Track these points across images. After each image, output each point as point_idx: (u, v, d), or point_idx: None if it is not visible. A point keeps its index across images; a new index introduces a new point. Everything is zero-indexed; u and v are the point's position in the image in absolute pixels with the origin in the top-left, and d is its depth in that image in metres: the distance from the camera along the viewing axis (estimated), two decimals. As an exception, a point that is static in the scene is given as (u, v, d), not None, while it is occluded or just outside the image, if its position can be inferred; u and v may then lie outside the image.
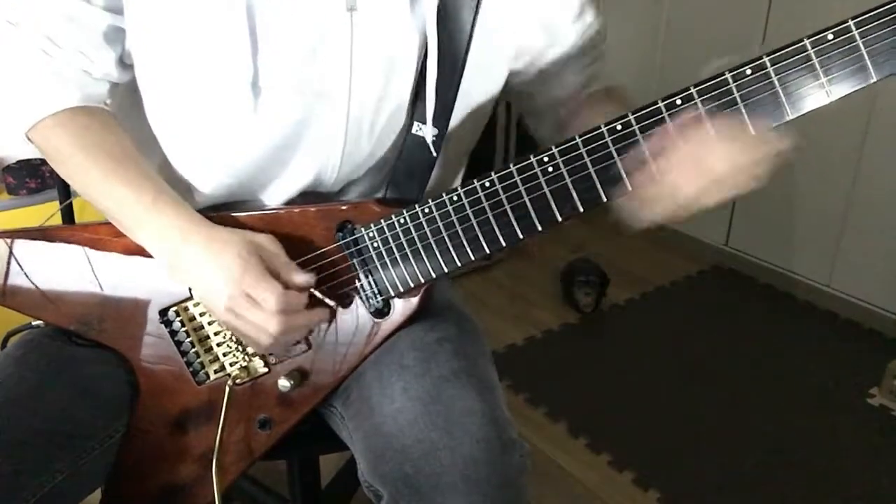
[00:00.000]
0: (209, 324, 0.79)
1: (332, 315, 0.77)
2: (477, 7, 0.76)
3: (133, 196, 0.73)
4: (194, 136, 0.78)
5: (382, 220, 0.74)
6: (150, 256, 0.77)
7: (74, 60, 0.74)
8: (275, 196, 0.81)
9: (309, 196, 0.81)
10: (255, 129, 0.75)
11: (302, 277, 0.74)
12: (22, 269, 0.80)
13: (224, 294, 0.70)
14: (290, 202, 0.81)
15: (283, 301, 0.71)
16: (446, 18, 0.75)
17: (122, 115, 0.82)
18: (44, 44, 0.73)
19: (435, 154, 0.79)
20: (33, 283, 0.80)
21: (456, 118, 0.81)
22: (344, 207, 0.77)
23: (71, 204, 1.11)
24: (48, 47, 0.74)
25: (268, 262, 0.72)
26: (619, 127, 0.62)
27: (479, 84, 0.82)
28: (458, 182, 0.92)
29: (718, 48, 2.26)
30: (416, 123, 0.78)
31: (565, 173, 0.65)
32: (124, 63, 0.77)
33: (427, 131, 0.78)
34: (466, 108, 0.82)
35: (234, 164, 0.78)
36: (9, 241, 0.80)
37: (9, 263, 0.80)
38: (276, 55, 0.71)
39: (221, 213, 0.77)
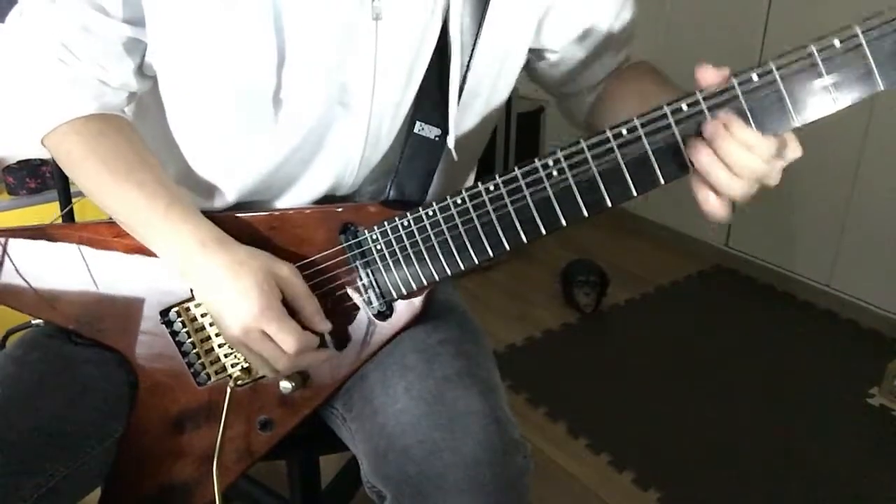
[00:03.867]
0: (210, 325, 0.79)
1: (336, 319, 0.77)
2: (484, 11, 0.76)
3: (146, 202, 0.72)
4: (215, 145, 0.78)
5: (386, 223, 0.74)
6: (150, 255, 0.77)
7: (91, 70, 0.74)
8: (292, 200, 0.81)
9: (324, 201, 0.82)
10: (275, 138, 0.75)
11: (324, 324, 0.74)
12: (15, 268, 0.80)
13: (238, 325, 0.70)
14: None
15: (301, 344, 0.70)
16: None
17: (144, 117, 0.82)
18: (60, 52, 0.73)
19: (407, 147, 0.79)
20: (28, 282, 0.80)
21: (462, 119, 0.81)
22: (346, 209, 0.76)
23: (72, 208, 1.11)
24: (64, 55, 0.74)
25: (288, 296, 0.72)
26: (624, 132, 0.61)
27: (486, 86, 0.82)
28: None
29: (719, 52, 2.27)
30: (418, 123, 0.78)
31: (570, 177, 0.64)
32: (143, 74, 0.77)
33: (448, 136, 0.78)
34: (473, 109, 0.82)
35: (254, 170, 0.78)
36: (2, 239, 0.80)
37: (2, 261, 0.80)
38: (301, 68, 0.71)
39: (225, 213, 0.77)
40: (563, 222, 0.67)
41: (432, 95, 0.77)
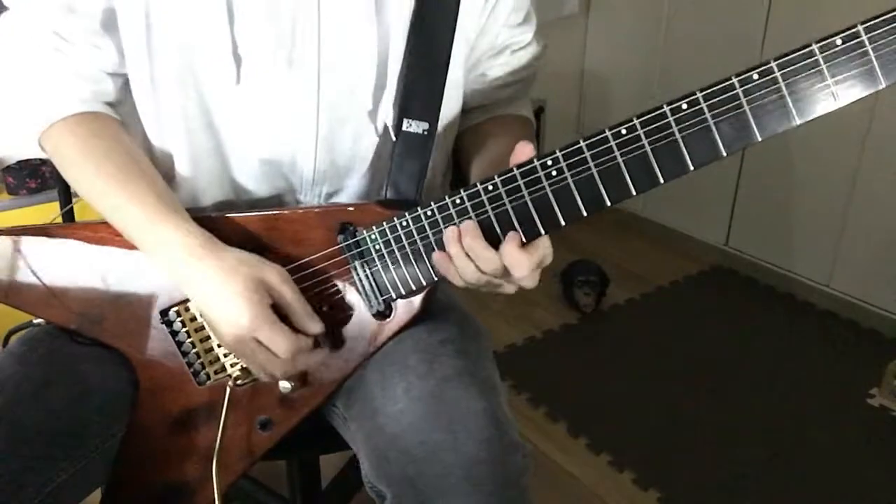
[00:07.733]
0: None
1: (335, 319, 0.77)
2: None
3: (134, 210, 0.73)
4: (180, 112, 0.78)
5: (384, 222, 0.73)
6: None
7: (87, 52, 0.75)
8: (244, 176, 0.81)
9: (277, 191, 0.83)
10: (240, 100, 0.76)
11: (316, 326, 0.73)
12: (29, 267, 0.80)
13: (230, 334, 0.70)
14: (274, 196, 0.82)
15: (293, 347, 0.70)
16: (426, 12, 0.77)
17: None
18: (55, 42, 0.75)
19: (398, 144, 0.80)
20: (38, 281, 0.80)
21: (445, 112, 0.82)
22: (345, 208, 0.76)
23: (72, 207, 1.11)
24: (60, 45, 0.75)
25: (277, 301, 0.72)
26: (623, 131, 0.61)
27: (462, 76, 0.83)
28: (444, 179, 0.93)
29: (719, 50, 2.27)
30: (405, 120, 0.79)
31: (569, 176, 0.64)
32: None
33: (388, 121, 0.79)
34: (454, 102, 0.83)
35: (218, 137, 0.79)
36: (16, 239, 0.80)
37: (14, 262, 0.80)
38: (251, 25, 0.73)
39: (220, 214, 0.77)
40: (562, 221, 0.67)
41: (417, 90, 0.78)
